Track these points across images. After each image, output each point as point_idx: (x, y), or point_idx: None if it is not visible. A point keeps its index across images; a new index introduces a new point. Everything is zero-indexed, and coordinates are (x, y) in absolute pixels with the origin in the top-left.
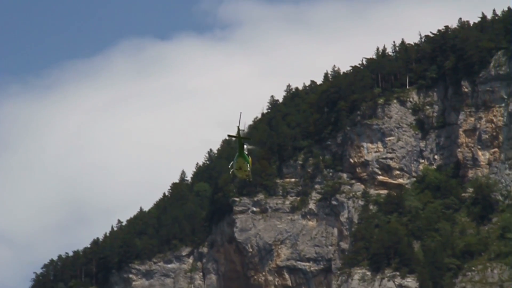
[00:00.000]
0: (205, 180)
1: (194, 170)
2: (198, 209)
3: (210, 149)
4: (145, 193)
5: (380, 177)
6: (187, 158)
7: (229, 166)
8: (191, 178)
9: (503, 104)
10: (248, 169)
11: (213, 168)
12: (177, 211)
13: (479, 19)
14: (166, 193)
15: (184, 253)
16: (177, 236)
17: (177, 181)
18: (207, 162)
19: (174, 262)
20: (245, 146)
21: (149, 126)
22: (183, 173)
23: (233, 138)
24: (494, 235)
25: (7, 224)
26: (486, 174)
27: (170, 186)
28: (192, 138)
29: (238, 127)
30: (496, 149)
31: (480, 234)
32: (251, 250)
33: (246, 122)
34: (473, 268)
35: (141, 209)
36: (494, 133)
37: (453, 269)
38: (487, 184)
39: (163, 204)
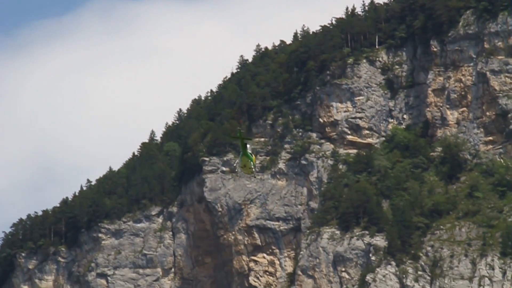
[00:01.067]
0: (174, 140)
1: (164, 129)
2: (167, 168)
3: (180, 109)
4: (115, 152)
5: (350, 137)
6: (156, 118)
7: (235, 164)
8: (161, 137)
9: (471, 64)
10: (252, 166)
11: (183, 128)
12: (146, 171)
13: None
14: (136, 153)
15: (153, 213)
16: (146, 196)
17: (147, 140)
18: (177, 122)
19: (144, 222)
20: (248, 146)
21: (119, 85)
22: (152, 132)
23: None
24: (462, 194)
25: None
26: (455, 133)
27: (140, 146)
28: (161, 98)
29: (239, 129)
30: (464, 109)
31: (449, 193)
32: (220, 209)
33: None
34: (441, 226)
35: (110, 168)
36: (463, 93)
37: (421, 228)
38: (455, 143)
39: (132, 164)
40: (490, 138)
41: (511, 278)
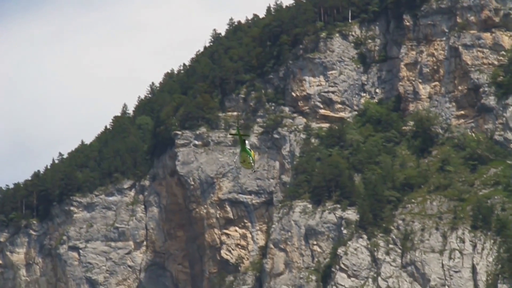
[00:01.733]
0: (147, 114)
1: (136, 103)
2: (140, 142)
3: (152, 82)
4: (87, 126)
5: (322, 111)
6: (128, 91)
7: (234, 160)
8: (133, 111)
9: (444, 38)
10: (251, 161)
11: (155, 102)
12: (118, 144)
13: None
14: (108, 126)
15: (125, 186)
16: (118, 169)
17: (119, 114)
18: (149, 96)
19: (116, 195)
20: (246, 142)
21: (91, 59)
22: (124, 106)
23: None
24: (433, 167)
25: None
26: (427, 107)
27: (112, 119)
28: (134, 71)
29: (238, 127)
30: (437, 83)
31: (420, 167)
32: (193, 183)
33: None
34: (413, 200)
35: (82, 142)
36: (435, 67)
37: (393, 202)
38: (427, 117)
39: (104, 137)
40: (462, 112)
41: (481, 251)
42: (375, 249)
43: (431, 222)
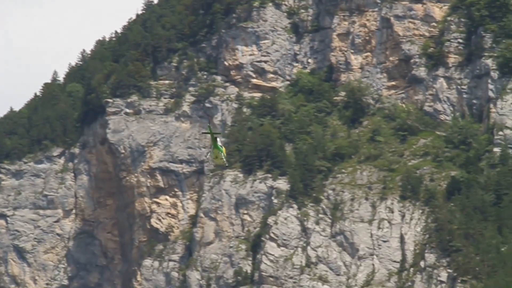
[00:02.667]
0: (77, 81)
1: (67, 70)
2: (70, 110)
3: (83, 50)
4: (16, 93)
5: (254, 80)
6: (59, 58)
7: (208, 156)
8: (64, 78)
9: (376, 9)
10: (223, 157)
11: (86, 69)
12: (48, 112)
13: None
14: (38, 94)
15: (55, 154)
16: (48, 137)
17: (49, 81)
18: (80, 63)
19: (45, 163)
20: (218, 139)
21: (21, 24)
22: (55, 73)
23: (208, 134)
24: (364, 138)
25: None
26: (358, 78)
27: (42, 86)
28: (65, 38)
29: (209, 126)
30: (368, 54)
31: (351, 137)
32: (123, 151)
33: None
34: (343, 170)
35: (11, 109)
36: (367, 38)
37: (323, 171)
38: (359, 88)
39: (34, 104)
40: (393, 83)
41: (409, 221)
42: (305, 218)
43: (361, 192)
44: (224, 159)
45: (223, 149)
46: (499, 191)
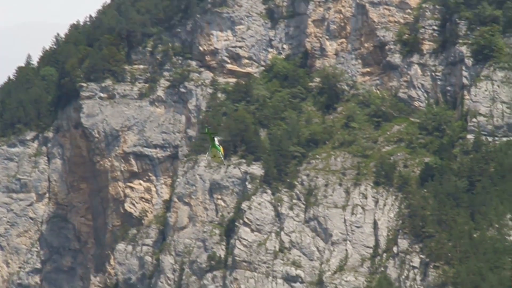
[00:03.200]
0: (51, 65)
1: (41, 54)
2: (44, 93)
3: (58, 33)
4: None
5: (229, 66)
6: (33, 42)
7: (206, 155)
8: (38, 62)
9: None
10: (221, 155)
11: (60, 53)
12: (22, 95)
13: None
14: (11, 77)
15: (28, 138)
16: (21, 121)
17: (23, 65)
18: (54, 47)
19: (18, 146)
20: (215, 138)
21: None
22: (29, 57)
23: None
24: (338, 124)
25: None
26: (333, 64)
27: (15, 70)
28: (39, 22)
29: (207, 126)
30: (343, 40)
31: (325, 123)
32: (97, 135)
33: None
34: (317, 156)
35: None
36: (342, 24)
37: (297, 157)
38: (333, 74)
39: (7, 88)
40: (368, 69)
41: (383, 207)
42: (279, 204)
43: (335, 178)
44: (222, 158)
45: (221, 148)
46: (472, 178)
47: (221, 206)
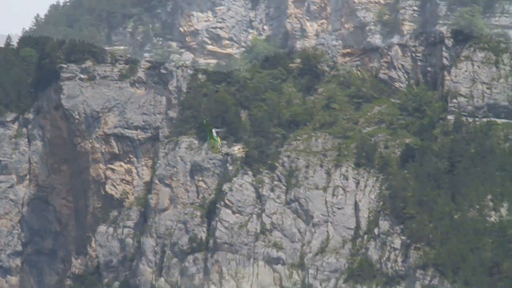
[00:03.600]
0: (31, 46)
1: (20, 35)
2: (24, 75)
3: (37, 14)
4: None
5: (210, 47)
6: (13, 23)
7: (204, 147)
8: (17, 43)
9: None
10: (219, 146)
11: (40, 34)
12: (2, 77)
13: None
14: None
15: (8, 119)
16: (1, 102)
17: (2, 46)
18: (34, 28)
19: None
20: (213, 130)
21: None
22: (8, 38)
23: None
24: (319, 105)
25: None
26: (314, 45)
27: None
28: (18, 3)
29: (205, 118)
30: (324, 21)
31: (306, 104)
32: (78, 117)
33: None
34: (298, 137)
35: None
36: (323, 5)
37: (278, 139)
38: (314, 55)
39: None
40: (348, 50)
41: (364, 188)
42: (260, 185)
43: (316, 159)
44: (220, 148)
45: (218, 139)
46: (453, 159)
47: (202, 187)
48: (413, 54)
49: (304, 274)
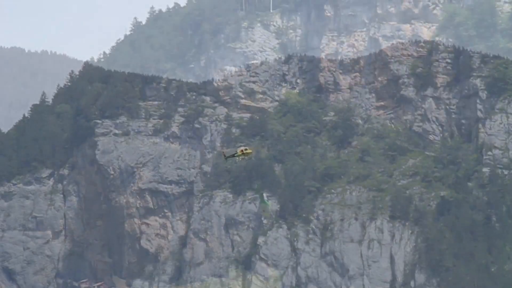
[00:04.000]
0: (66, 102)
1: (55, 91)
2: (59, 131)
3: (72, 71)
4: (4, 115)
5: (243, 101)
6: (48, 80)
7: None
8: (52, 99)
9: (364, 29)
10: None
11: (75, 90)
12: (37, 133)
13: None
14: (26, 115)
15: (44, 175)
16: (37, 158)
17: (38, 102)
18: (69, 84)
19: (34, 184)
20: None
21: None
22: (43, 94)
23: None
24: (353, 158)
25: None
26: (347, 98)
27: (30, 108)
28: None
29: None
30: (357, 74)
31: (340, 158)
32: (112, 172)
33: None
34: (333, 190)
35: (0, 130)
36: (355, 58)
37: (313, 192)
38: (347, 108)
39: (23, 126)
40: (382, 103)
41: (399, 241)
42: (295, 239)
43: (351, 212)
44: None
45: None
46: (489, 211)
47: (237, 241)
48: (447, 107)
49: None
